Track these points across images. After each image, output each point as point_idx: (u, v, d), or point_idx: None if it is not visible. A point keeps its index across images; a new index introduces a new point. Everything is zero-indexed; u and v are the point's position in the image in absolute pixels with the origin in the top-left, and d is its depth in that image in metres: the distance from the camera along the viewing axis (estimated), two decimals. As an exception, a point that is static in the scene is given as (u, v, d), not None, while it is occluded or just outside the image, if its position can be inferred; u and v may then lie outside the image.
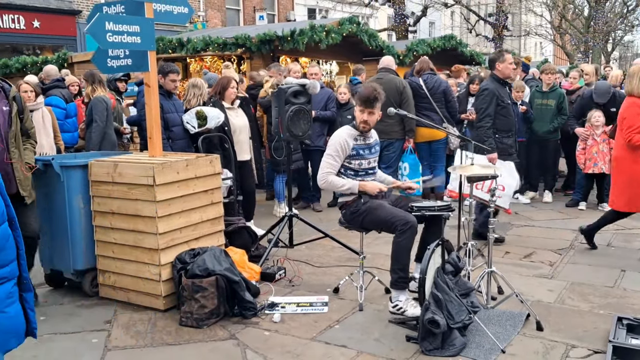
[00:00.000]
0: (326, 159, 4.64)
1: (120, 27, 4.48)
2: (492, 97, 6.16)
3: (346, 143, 4.59)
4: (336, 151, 4.59)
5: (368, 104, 4.56)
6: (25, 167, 4.63)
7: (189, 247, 4.79)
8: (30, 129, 4.82)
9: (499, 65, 6.26)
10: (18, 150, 4.59)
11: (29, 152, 4.77)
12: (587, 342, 4.05)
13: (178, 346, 4.14)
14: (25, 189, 4.66)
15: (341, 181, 4.61)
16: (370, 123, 4.64)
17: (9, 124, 4.53)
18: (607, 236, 6.68)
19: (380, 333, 4.24)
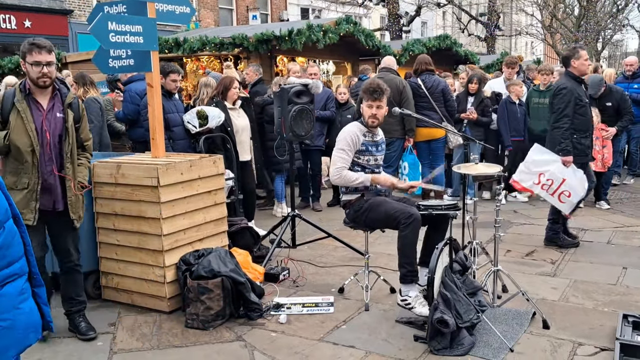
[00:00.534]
0: (338, 153, 4.58)
1: (123, 27, 4.45)
2: (570, 96, 5.87)
3: (357, 137, 4.56)
4: (348, 145, 4.55)
5: (376, 95, 4.55)
6: (77, 185, 4.11)
7: (193, 249, 4.77)
8: (86, 141, 4.27)
9: (574, 62, 5.98)
10: (72, 165, 4.08)
11: (83, 168, 4.25)
12: (593, 339, 4.06)
13: (185, 348, 4.11)
14: (76, 211, 4.14)
15: (354, 175, 4.56)
16: (379, 117, 4.62)
17: (64, 135, 4.03)
18: (607, 234, 6.71)
19: (388, 333, 4.23)
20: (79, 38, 18.53)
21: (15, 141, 3.86)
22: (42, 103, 3.98)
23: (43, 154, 3.94)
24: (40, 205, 3.99)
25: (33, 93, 3.96)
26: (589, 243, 6.40)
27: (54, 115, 4.00)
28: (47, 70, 3.86)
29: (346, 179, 4.56)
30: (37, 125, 3.92)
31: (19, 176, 3.93)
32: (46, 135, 3.93)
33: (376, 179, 4.59)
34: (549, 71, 8.49)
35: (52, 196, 4.03)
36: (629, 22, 42.23)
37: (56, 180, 4.02)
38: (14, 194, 3.76)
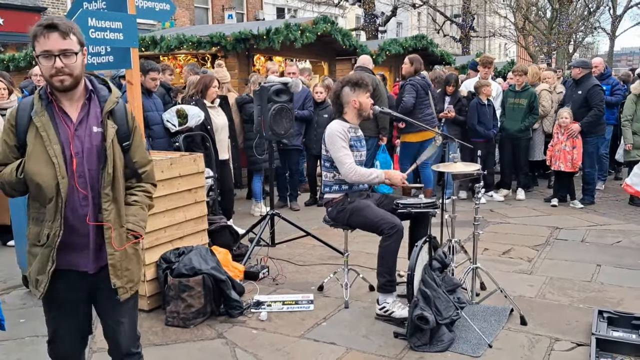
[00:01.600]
0: (340, 153, 4.47)
1: (103, 24, 4.39)
2: None
3: (345, 132, 4.52)
4: (343, 140, 4.48)
5: (368, 87, 4.59)
6: (126, 235, 2.72)
7: (173, 247, 4.74)
8: (142, 166, 2.82)
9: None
10: (116, 205, 2.66)
11: (138, 209, 2.79)
12: (570, 335, 4.14)
13: (165, 346, 4.09)
14: (122, 275, 2.70)
15: (369, 170, 4.53)
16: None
17: (101, 158, 2.62)
18: (581, 232, 6.84)
19: (368, 330, 4.26)
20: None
21: (32, 174, 2.55)
22: (70, 113, 2.62)
23: (73, 190, 2.57)
24: (67, 263, 2.67)
25: (57, 100, 2.61)
26: (564, 241, 6.52)
27: (88, 129, 2.62)
28: (64, 63, 2.50)
29: (363, 175, 4.47)
30: (65, 147, 2.57)
31: (41, 225, 2.64)
32: (73, 162, 2.57)
33: (389, 174, 4.55)
34: (522, 72, 8.62)
35: (84, 252, 2.67)
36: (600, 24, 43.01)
37: (90, 230, 2.64)
38: (34, 255, 2.69)
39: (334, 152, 4.50)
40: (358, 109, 4.60)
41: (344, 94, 4.61)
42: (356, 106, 4.60)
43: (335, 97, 4.67)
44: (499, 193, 8.85)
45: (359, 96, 4.59)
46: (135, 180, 2.81)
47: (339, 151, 4.48)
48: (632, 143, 8.21)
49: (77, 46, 2.55)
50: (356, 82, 4.59)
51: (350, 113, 4.63)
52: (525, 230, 6.99)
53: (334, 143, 4.50)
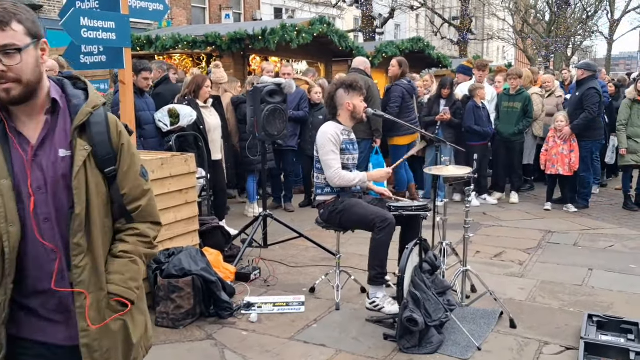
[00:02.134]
0: (328, 156, 4.49)
1: (95, 23, 4.39)
2: None
3: (337, 136, 4.52)
4: (333, 145, 4.49)
5: (362, 89, 4.59)
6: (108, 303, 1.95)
7: (163, 247, 4.73)
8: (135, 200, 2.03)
9: None
10: (92, 259, 1.90)
11: (127, 263, 2.00)
12: (559, 339, 4.14)
13: (155, 347, 4.03)
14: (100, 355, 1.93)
15: (352, 174, 4.55)
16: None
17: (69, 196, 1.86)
18: (574, 236, 6.84)
19: (358, 332, 4.26)
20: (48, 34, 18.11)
21: None
22: (27, 133, 1.87)
23: (33, 242, 1.84)
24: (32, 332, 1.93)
25: (9, 116, 1.87)
26: (556, 245, 6.52)
27: (53, 154, 1.87)
28: (4, 64, 1.76)
29: (346, 180, 4.51)
30: (19, 181, 1.84)
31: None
32: (31, 201, 1.83)
33: (371, 176, 4.60)
34: (516, 75, 8.64)
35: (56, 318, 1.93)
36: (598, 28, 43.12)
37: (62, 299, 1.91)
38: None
39: (322, 154, 4.52)
40: (352, 111, 4.61)
41: (338, 96, 4.61)
42: (350, 109, 4.60)
43: (329, 98, 4.68)
44: (493, 196, 8.85)
45: (353, 99, 4.59)
46: (125, 221, 2.02)
47: (327, 155, 4.50)
48: (626, 147, 8.21)
49: (24, 39, 1.79)
50: (350, 85, 4.59)
51: (344, 115, 4.64)
52: (518, 234, 7.00)
53: (324, 146, 4.51)
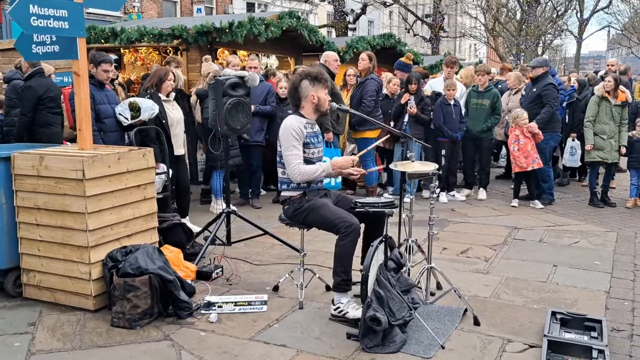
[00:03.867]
0: (289, 151, 4.34)
1: (46, 11, 4.23)
2: None
3: (300, 130, 4.38)
4: (295, 139, 4.35)
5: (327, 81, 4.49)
6: None
7: (120, 245, 4.58)
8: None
9: None
10: None
11: None
12: (522, 336, 4.10)
13: (109, 348, 3.94)
14: None
15: (313, 167, 4.38)
16: None
17: None
18: (539, 232, 6.84)
19: (321, 331, 4.16)
20: (13, 25, 17.81)
21: None
22: None
23: None
24: None
25: None
26: (522, 241, 6.51)
27: None
28: None
29: (307, 174, 4.35)
30: None
31: None
32: None
33: (336, 164, 4.41)
34: (484, 72, 8.63)
35: None
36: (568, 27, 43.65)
37: None
38: None
39: (283, 149, 4.39)
40: (316, 104, 4.48)
41: (302, 88, 4.46)
42: (314, 101, 4.46)
43: (293, 89, 4.50)
44: (461, 193, 8.83)
45: (318, 91, 4.46)
46: None
47: (288, 150, 4.36)
48: (593, 144, 8.24)
49: None
50: (315, 76, 4.45)
51: (308, 108, 4.50)
52: (485, 230, 6.97)
53: (286, 140, 4.37)
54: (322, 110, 4.52)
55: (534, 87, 8.43)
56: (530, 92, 8.49)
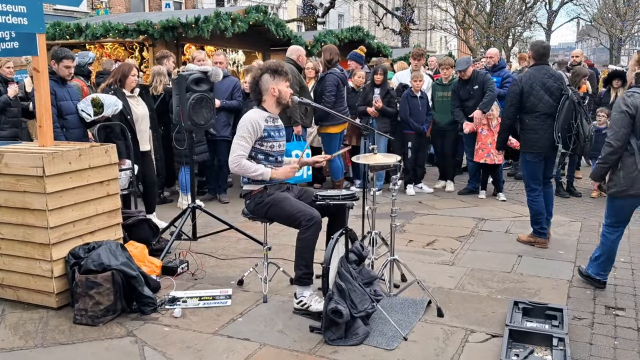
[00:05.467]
0: (237, 140, 4.39)
1: (4, 7, 4.17)
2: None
3: (257, 124, 4.39)
4: (248, 132, 4.37)
5: (287, 74, 4.50)
6: None
7: (83, 242, 4.55)
8: None
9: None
10: None
11: None
12: (485, 326, 4.16)
13: (71, 345, 3.91)
14: None
15: (254, 166, 4.41)
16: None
17: None
18: (505, 223, 6.93)
19: (284, 324, 4.19)
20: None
21: None
22: None
23: None
24: None
25: None
26: (488, 232, 6.59)
27: None
28: None
29: (245, 169, 4.39)
30: None
31: None
32: None
33: (276, 174, 4.45)
34: (449, 65, 8.70)
35: None
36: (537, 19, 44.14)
37: None
38: None
39: (235, 137, 4.43)
40: (277, 97, 4.49)
41: (262, 81, 4.48)
42: (275, 94, 4.48)
43: (254, 83, 4.53)
44: (438, 184, 8.97)
45: (278, 84, 4.48)
46: None
47: (237, 139, 4.40)
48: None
49: None
50: (275, 70, 4.47)
51: (269, 101, 4.52)
52: (452, 222, 7.05)
53: (240, 130, 4.41)
54: (283, 102, 4.54)
55: (474, 84, 8.22)
56: (473, 91, 8.24)
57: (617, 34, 39.39)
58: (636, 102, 4.41)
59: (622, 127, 4.45)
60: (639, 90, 4.48)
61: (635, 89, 4.51)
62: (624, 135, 4.46)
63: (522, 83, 5.86)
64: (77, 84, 7.29)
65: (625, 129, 4.45)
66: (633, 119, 4.42)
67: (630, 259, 5.69)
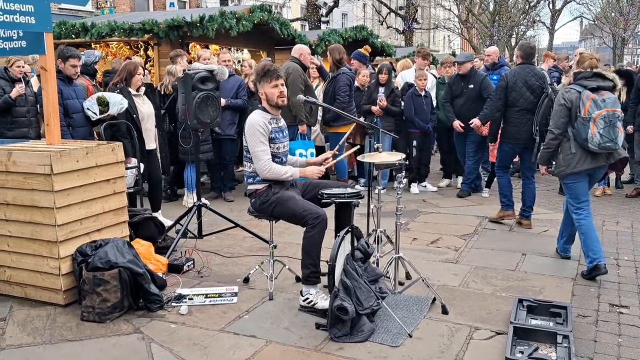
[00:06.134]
0: (257, 147, 4.40)
1: (11, 6, 4.20)
2: None
3: (265, 125, 4.44)
4: (262, 135, 4.41)
5: (274, 74, 4.50)
6: None
7: (90, 239, 4.58)
8: None
9: None
10: None
11: None
12: (490, 324, 4.18)
13: (79, 342, 3.95)
14: None
15: (283, 168, 4.45)
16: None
17: None
18: (509, 222, 6.94)
19: (290, 321, 4.21)
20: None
21: None
22: None
23: None
24: None
25: None
26: (492, 231, 6.61)
27: None
28: None
29: (276, 172, 4.42)
30: None
31: None
32: None
33: (304, 173, 4.50)
34: (451, 63, 8.72)
35: None
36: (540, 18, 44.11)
37: None
38: None
39: (251, 146, 4.43)
40: (266, 100, 4.55)
41: (258, 86, 4.59)
42: (263, 97, 4.56)
43: (256, 89, 4.65)
44: (442, 182, 9.00)
45: (264, 87, 4.52)
46: None
47: (257, 146, 4.41)
48: None
49: None
50: (259, 73, 4.55)
51: (264, 103, 4.58)
52: (455, 220, 7.07)
53: (252, 136, 4.43)
54: (273, 104, 4.55)
55: (469, 83, 8.11)
56: (467, 89, 8.12)
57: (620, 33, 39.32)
58: (572, 97, 5.10)
59: (560, 117, 5.17)
60: (575, 87, 5.14)
61: (573, 86, 5.17)
62: (563, 124, 5.17)
63: (507, 79, 6.58)
64: (82, 82, 7.32)
65: (564, 119, 5.16)
66: (569, 110, 5.11)
67: (634, 257, 5.70)
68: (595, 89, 5.06)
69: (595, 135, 4.95)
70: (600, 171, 5.29)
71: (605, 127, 4.92)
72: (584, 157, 5.12)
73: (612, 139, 4.95)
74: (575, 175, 5.21)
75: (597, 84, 5.09)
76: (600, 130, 4.92)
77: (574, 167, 5.16)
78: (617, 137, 4.98)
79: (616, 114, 4.96)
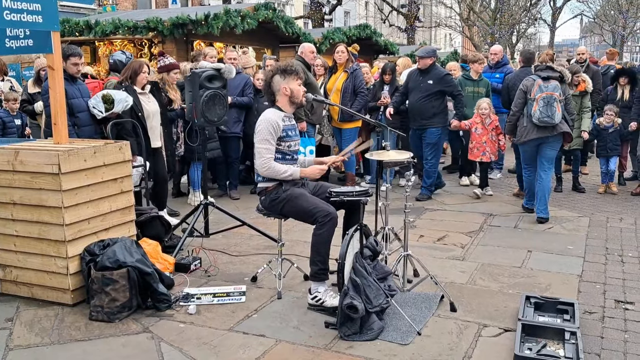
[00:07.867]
0: (262, 144, 4.42)
1: (19, 5, 4.19)
2: None
3: (277, 124, 4.44)
4: (270, 134, 4.41)
5: (300, 73, 4.52)
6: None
7: (98, 238, 4.58)
8: None
9: None
10: None
11: None
12: (498, 321, 4.18)
13: (88, 342, 3.94)
14: None
15: (283, 167, 4.45)
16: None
17: None
18: (514, 218, 6.94)
19: (299, 320, 4.21)
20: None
21: None
22: None
23: None
24: None
25: None
26: (497, 228, 6.60)
27: None
28: None
29: (275, 171, 4.42)
30: None
31: None
32: None
33: (304, 173, 4.50)
34: (482, 59, 8.78)
35: None
36: (541, 16, 44.06)
37: None
38: None
39: (257, 141, 4.44)
40: (289, 96, 4.53)
41: (274, 82, 4.55)
42: (287, 93, 4.52)
43: (267, 86, 4.62)
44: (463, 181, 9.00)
45: (290, 83, 4.52)
46: None
47: (261, 143, 4.42)
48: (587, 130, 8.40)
49: None
50: (285, 69, 4.53)
51: (282, 100, 4.56)
52: (461, 217, 7.06)
53: (261, 133, 4.43)
54: (296, 101, 4.57)
55: (427, 78, 7.88)
56: (425, 84, 7.87)
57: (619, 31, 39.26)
58: (527, 84, 6.67)
59: (518, 98, 6.77)
60: (533, 77, 6.68)
61: (532, 76, 6.72)
62: (520, 105, 6.75)
63: (508, 81, 8.08)
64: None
65: (520, 100, 6.74)
66: (525, 94, 6.67)
67: (639, 253, 5.69)
68: (546, 78, 6.56)
69: (536, 112, 6.45)
70: (551, 144, 6.66)
71: (544, 105, 6.39)
72: (532, 130, 6.59)
73: (549, 115, 6.39)
74: (526, 144, 6.76)
75: (547, 74, 6.61)
76: (540, 108, 6.42)
77: (525, 137, 6.67)
78: (553, 114, 6.39)
79: (553, 96, 6.42)
